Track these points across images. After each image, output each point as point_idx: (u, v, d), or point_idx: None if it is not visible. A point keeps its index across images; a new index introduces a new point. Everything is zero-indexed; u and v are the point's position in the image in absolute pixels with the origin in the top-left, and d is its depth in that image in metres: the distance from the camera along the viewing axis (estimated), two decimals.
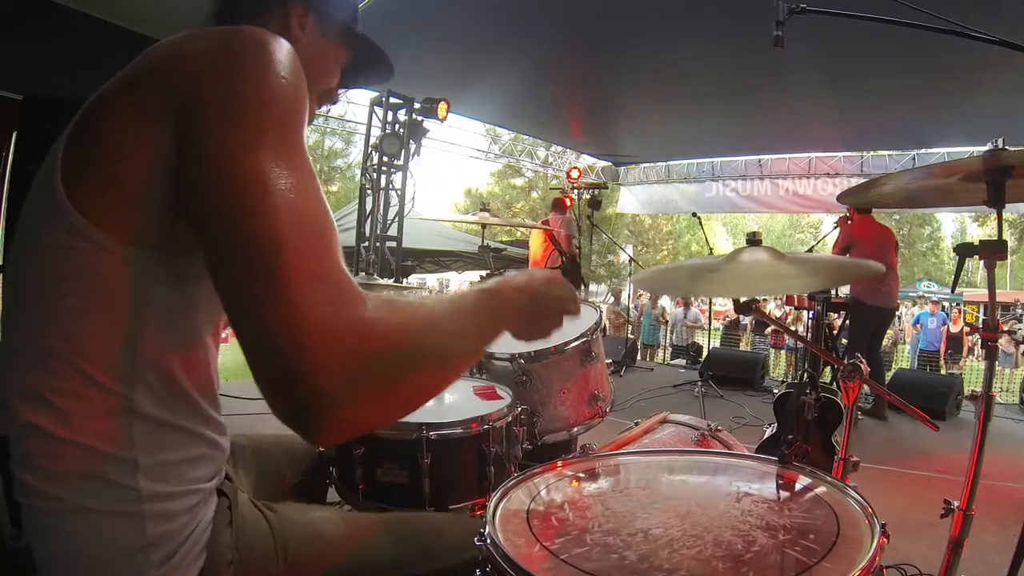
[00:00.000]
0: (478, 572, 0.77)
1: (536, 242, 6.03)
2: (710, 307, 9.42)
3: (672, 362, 8.82)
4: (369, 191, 5.72)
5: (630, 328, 9.67)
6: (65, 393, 0.64)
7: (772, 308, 11.63)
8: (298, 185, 0.58)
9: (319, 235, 0.58)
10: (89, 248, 0.63)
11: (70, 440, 0.65)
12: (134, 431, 0.67)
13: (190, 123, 0.60)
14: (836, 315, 5.73)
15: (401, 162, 5.63)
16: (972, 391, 5.02)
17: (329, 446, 0.56)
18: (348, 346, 0.54)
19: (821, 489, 0.95)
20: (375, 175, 5.60)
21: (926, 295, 14.42)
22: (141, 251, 0.65)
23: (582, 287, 5.92)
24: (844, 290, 4.98)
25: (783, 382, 5.63)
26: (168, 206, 0.63)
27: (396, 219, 5.77)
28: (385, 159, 5.54)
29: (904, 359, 10.92)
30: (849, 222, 4.78)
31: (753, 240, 1.19)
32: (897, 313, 6.87)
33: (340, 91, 0.93)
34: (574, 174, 8.52)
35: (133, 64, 0.66)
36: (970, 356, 11.00)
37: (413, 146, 5.56)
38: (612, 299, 11.34)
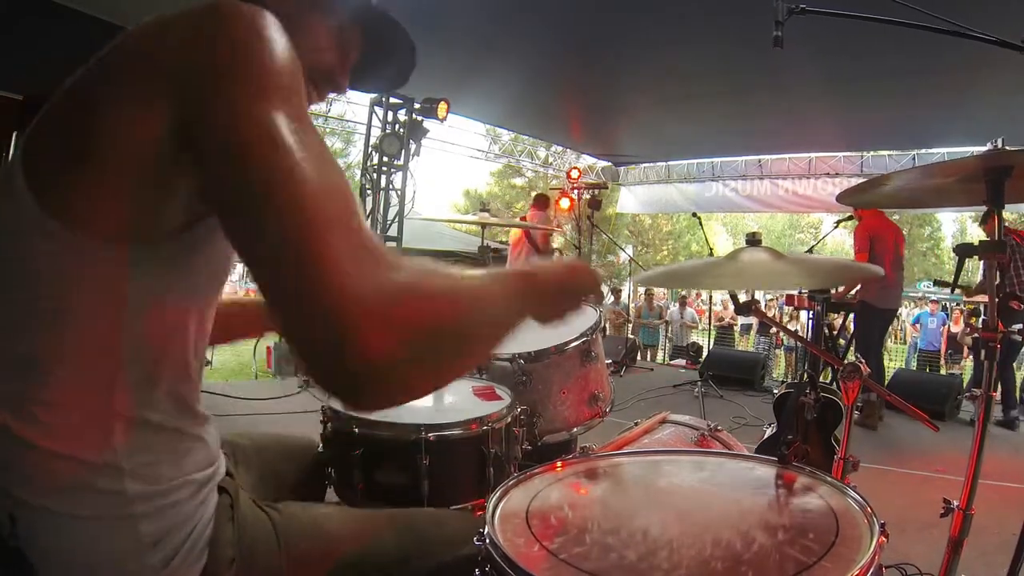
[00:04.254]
0: (477, 572, 0.77)
1: (513, 237, 6.06)
2: (710, 308, 9.43)
3: (672, 362, 8.82)
4: (369, 191, 5.72)
5: (629, 328, 9.66)
6: (42, 403, 0.63)
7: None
8: (315, 141, 0.55)
9: (341, 192, 0.54)
10: (60, 252, 0.61)
11: (51, 451, 0.63)
12: (115, 436, 0.65)
13: (190, 96, 0.56)
14: (836, 315, 5.72)
15: (401, 162, 5.64)
16: (971, 391, 5.02)
17: (372, 411, 0.54)
18: (389, 307, 0.50)
19: (821, 489, 0.95)
20: (375, 175, 5.61)
21: (927, 295, 14.41)
22: (117, 248, 0.62)
23: None
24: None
25: (783, 382, 5.63)
26: (153, 194, 0.61)
27: (396, 219, 5.78)
28: (385, 159, 5.55)
29: (900, 358, 10.92)
30: (854, 221, 4.69)
31: (753, 240, 1.18)
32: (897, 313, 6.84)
33: (346, 79, 0.82)
34: (574, 174, 8.53)
35: (105, 56, 0.63)
36: (970, 356, 10.99)
37: (413, 146, 5.57)
38: (612, 298, 11.33)
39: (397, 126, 5.58)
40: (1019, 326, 1.15)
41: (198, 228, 0.66)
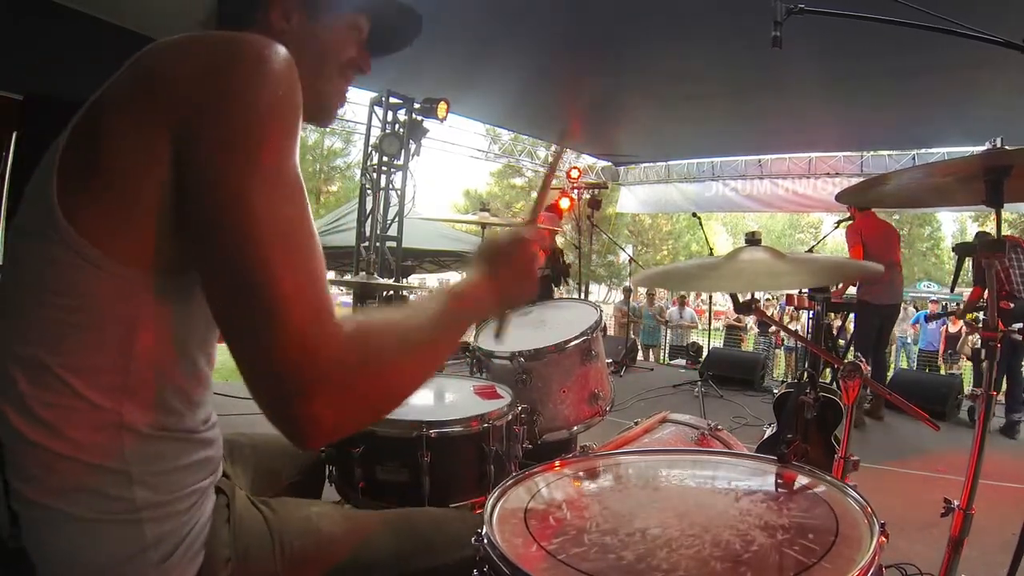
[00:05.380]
0: (476, 572, 0.77)
1: None
2: (710, 307, 9.42)
3: (672, 362, 8.81)
4: (369, 191, 5.72)
5: (631, 327, 9.63)
6: (54, 407, 0.63)
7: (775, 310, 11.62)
8: (291, 210, 0.60)
9: (306, 259, 0.60)
10: (83, 266, 0.62)
11: (62, 453, 0.64)
12: (125, 445, 0.66)
13: (186, 149, 0.60)
14: (836, 315, 5.72)
15: (401, 162, 5.63)
16: (972, 391, 5.02)
17: (317, 448, 0.64)
18: (334, 363, 0.58)
19: (820, 488, 0.95)
20: (375, 175, 5.61)
21: (922, 297, 14.40)
22: (137, 271, 0.64)
23: (563, 284, 5.98)
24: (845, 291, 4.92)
25: (783, 382, 5.62)
26: (168, 226, 0.63)
27: (396, 219, 5.77)
28: (385, 159, 5.54)
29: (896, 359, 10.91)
30: (851, 221, 4.74)
31: (752, 240, 1.18)
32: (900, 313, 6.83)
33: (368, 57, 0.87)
34: (574, 174, 8.52)
35: (130, 70, 0.65)
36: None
37: (413, 146, 5.56)
38: (621, 297, 11.29)
39: (397, 126, 5.57)
40: (1020, 325, 1.15)
41: None
